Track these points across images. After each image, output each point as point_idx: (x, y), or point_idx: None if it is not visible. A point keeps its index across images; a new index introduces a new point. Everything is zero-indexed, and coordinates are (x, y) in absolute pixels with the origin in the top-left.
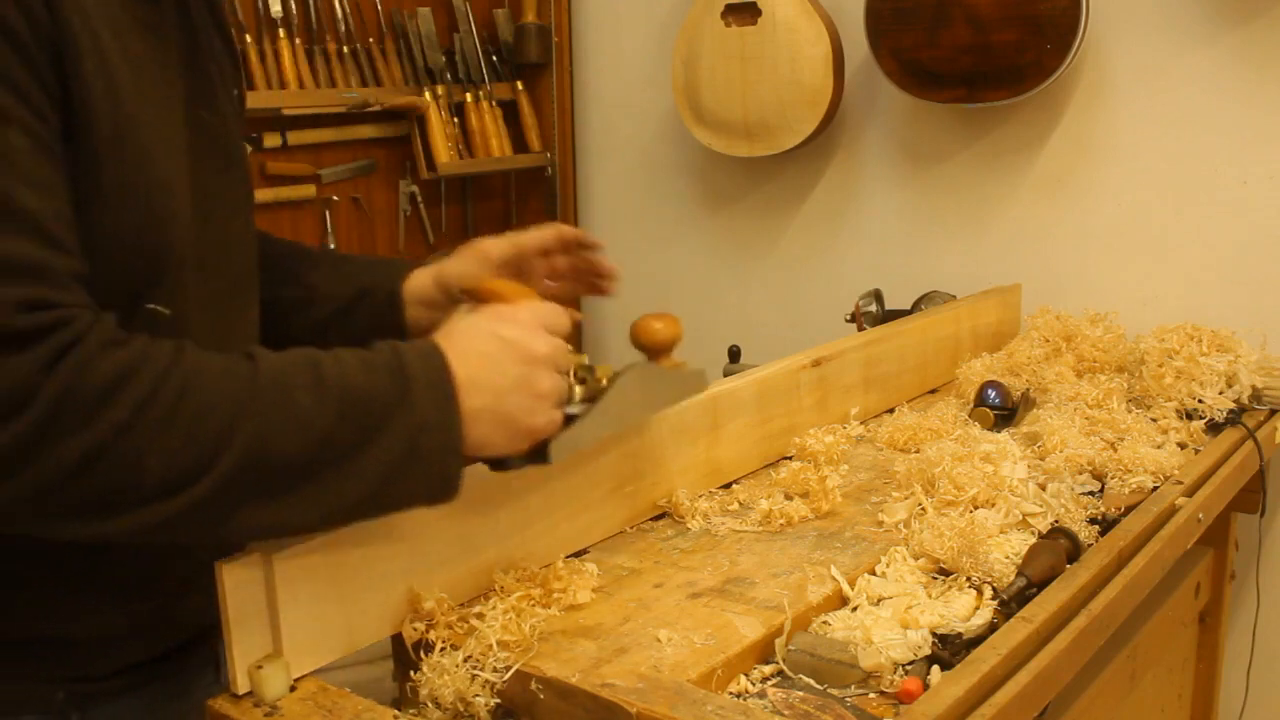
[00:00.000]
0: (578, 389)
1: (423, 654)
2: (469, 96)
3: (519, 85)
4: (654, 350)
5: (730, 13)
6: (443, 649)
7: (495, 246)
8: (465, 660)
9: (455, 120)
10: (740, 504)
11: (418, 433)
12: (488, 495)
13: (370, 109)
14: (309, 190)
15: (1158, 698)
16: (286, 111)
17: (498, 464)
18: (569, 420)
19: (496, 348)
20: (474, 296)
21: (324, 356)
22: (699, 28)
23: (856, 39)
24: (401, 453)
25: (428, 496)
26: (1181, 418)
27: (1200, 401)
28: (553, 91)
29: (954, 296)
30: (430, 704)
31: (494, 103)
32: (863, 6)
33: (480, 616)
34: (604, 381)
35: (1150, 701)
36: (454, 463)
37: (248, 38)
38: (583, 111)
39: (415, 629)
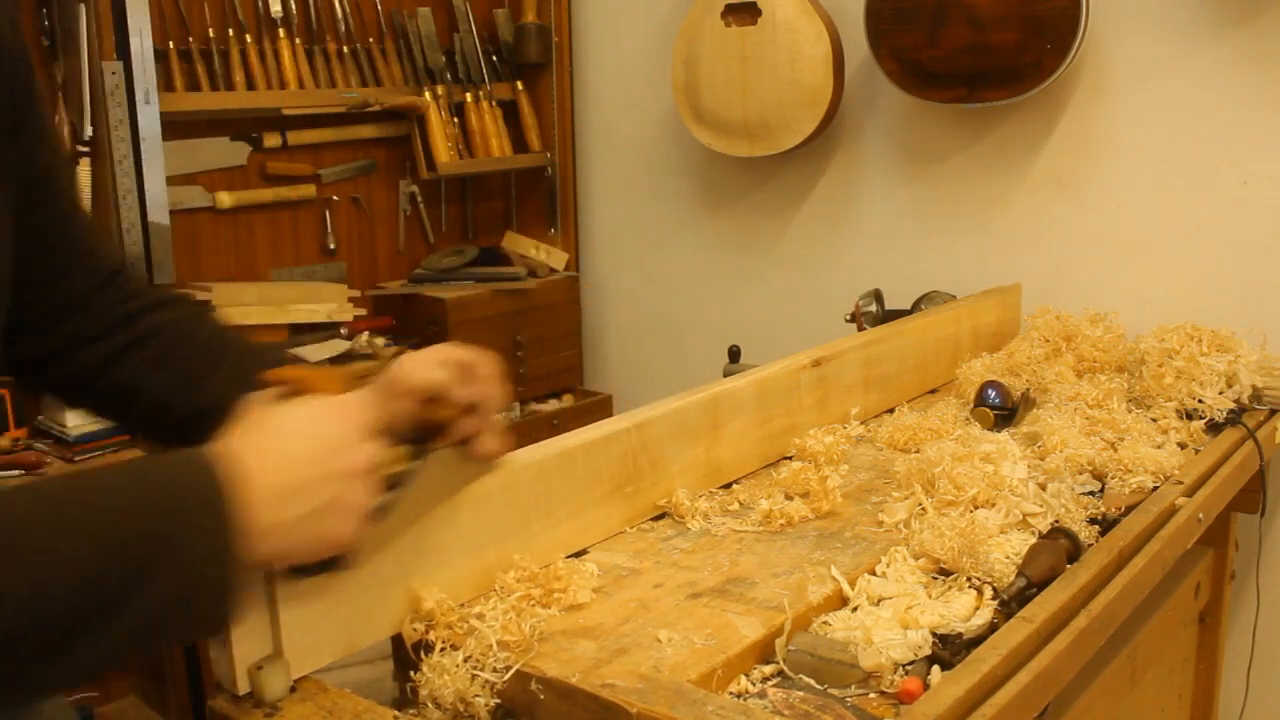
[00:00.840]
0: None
1: (423, 654)
2: (469, 96)
3: (519, 85)
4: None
5: (730, 13)
6: (443, 649)
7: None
8: (465, 660)
9: (455, 120)
10: (740, 504)
11: (185, 574)
12: (487, 495)
13: (370, 109)
14: (309, 190)
15: (1158, 698)
16: (286, 111)
17: (294, 571)
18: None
19: (310, 458)
20: (284, 386)
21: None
22: (699, 28)
23: (856, 39)
24: (167, 598)
25: (195, 634)
26: (1181, 418)
27: (1200, 401)
28: (553, 91)
29: (954, 296)
30: (430, 704)
31: (494, 103)
32: (863, 6)
33: (480, 617)
34: (402, 467)
35: (1150, 701)
36: (225, 604)
37: (248, 37)
38: (583, 111)
39: (415, 629)
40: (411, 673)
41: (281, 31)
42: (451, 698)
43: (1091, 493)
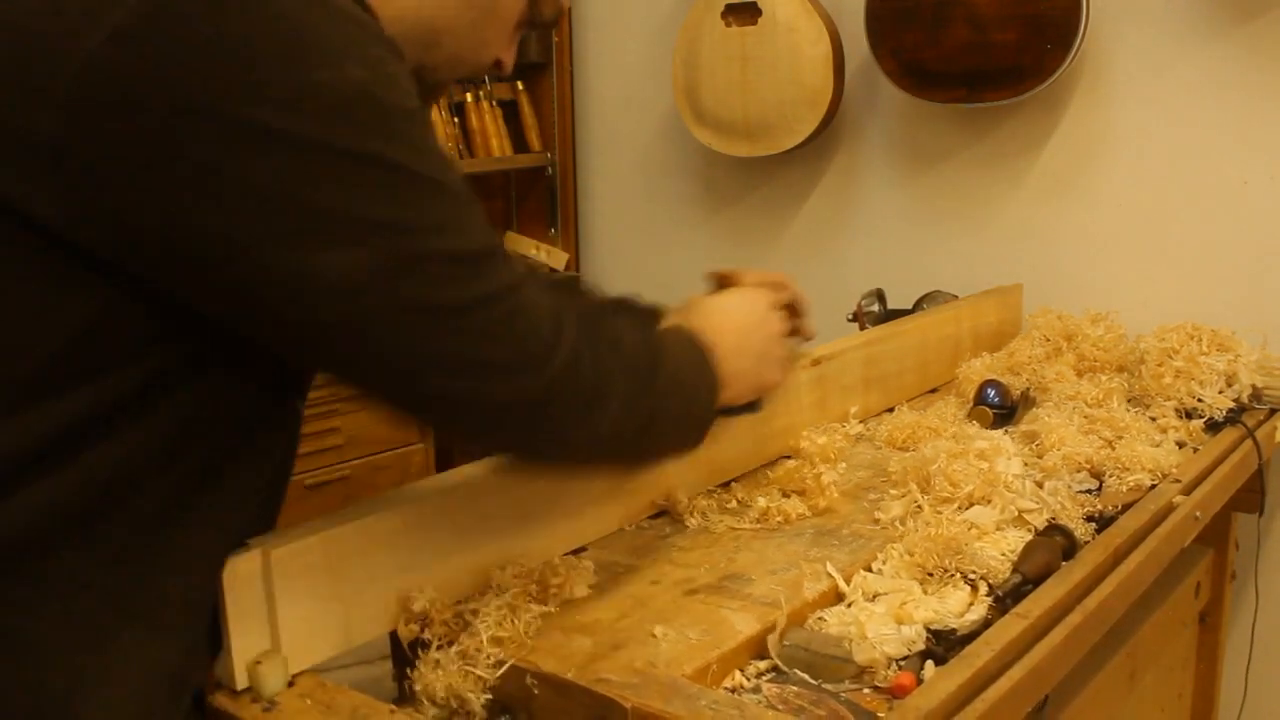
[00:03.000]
0: None
1: (419, 651)
2: (469, 96)
3: (519, 85)
4: None
5: (730, 13)
6: (438, 646)
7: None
8: (459, 656)
9: (455, 120)
10: (738, 502)
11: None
12: (485, 492)
13: None
14: None
15: (1158, 697)
16: None
17: (728, 411)
18: None
19: (749, 325)
20: (717, 282)
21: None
22: (699, 28)
23: (856, 39)
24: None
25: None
26: (1181, 417)
27: (1200, 401)
28: (553, 91)
29: (955, 296)
30: (425, 700)
31: (494, 102)
32: (863, 6)
33: (475, 613)
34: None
35: (1150, 701)
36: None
37: None
38: (583, 111)
39: (410, 629)
40: (408, 670)
41: None
42: (444, 693)
43: (1089, 490)
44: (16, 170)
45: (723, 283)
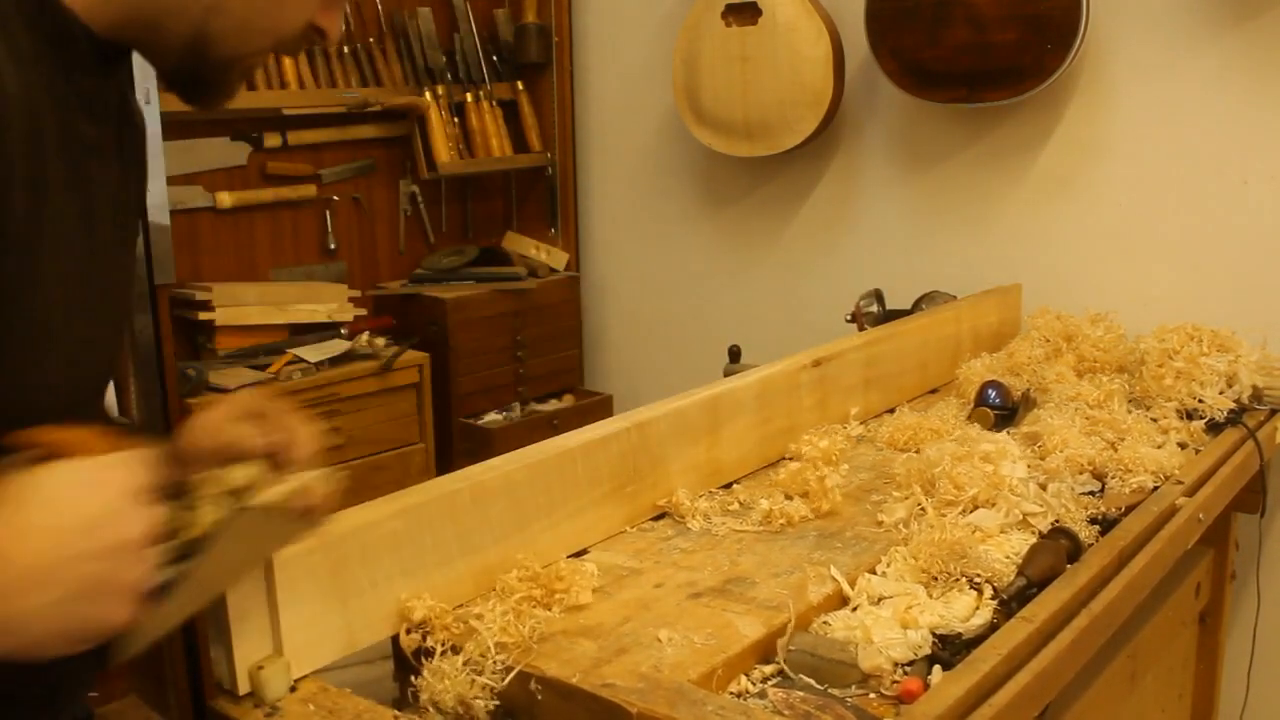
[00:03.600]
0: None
1: (423, 659)
2: (469, 96)
3: (519, 85)
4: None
5: (730, 13)
6: (443, 652)
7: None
8: (465, 664)
9: (455, 120)
10: (741, 504)
11: None
12: (487, 496)
13: (370, 109)
14: (309, 190)
15: (1158, 698)
16: (286, 111)
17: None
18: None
19: (62, 532)
20: (35, 449)
21: None
22: (699, 28)
23: (856, 39)
24: None
25: None
26: (1182, 418)
27: (1200, 401)
28: (553, 91)
29: (954, 296)
30: (431, 708)
31: (494, 103)
32: (863, 6)
33: (480, 617)
34: (195, 532)
35: (1150, 701)
36: None
37: None
38: (583, 111)
39: (412, 638)
40: (412, 677)
41: None
42: (453, 702)
43: (1092, 492)
44: None
45: (53, 450)
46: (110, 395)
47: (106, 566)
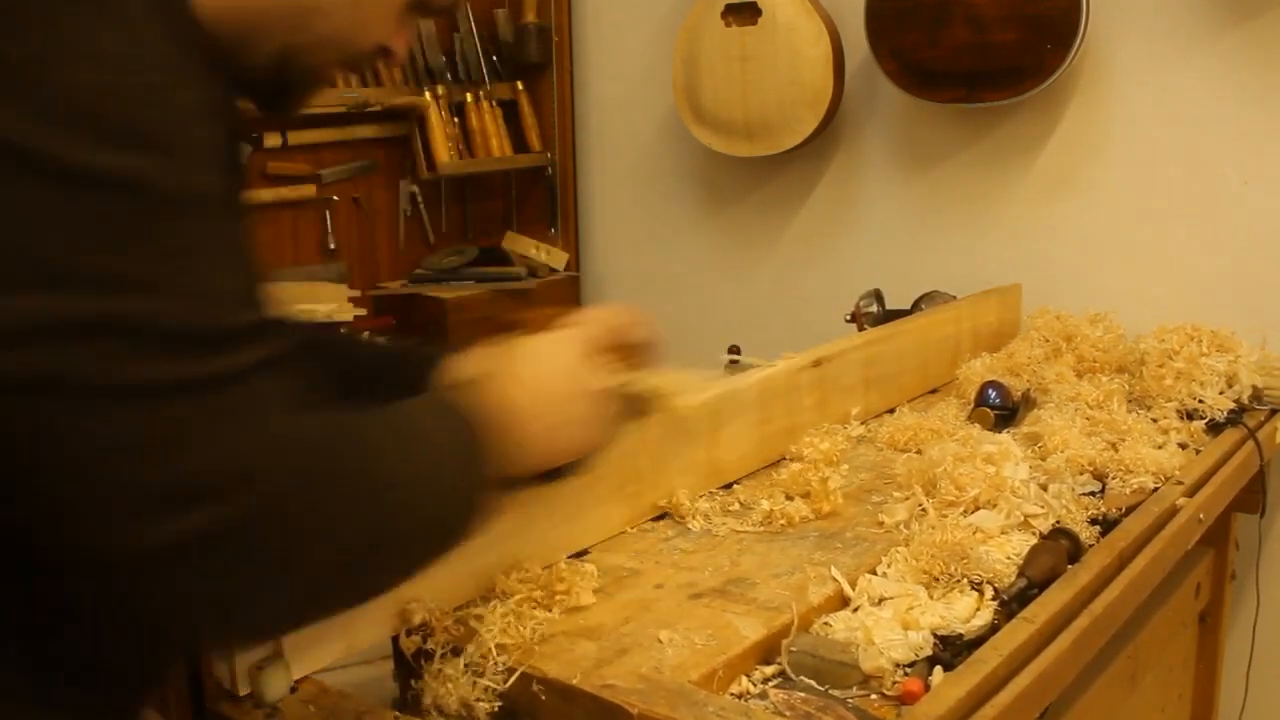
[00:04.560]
0: None
1: (423, 661)
2: (469, 96)
3: (519, 85)
4: None
5: (730, 13)
6: (443, 654)
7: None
8: (466, 666)
9: (455, 120)
10: (741, 504)
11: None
12: None
13: (370, 109)
14: (309, 190)
15: (1158, 698)
16: None
17: (543, 477)
18: None
19: (561, 376)
20: (531, 324)
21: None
22: (699, 28)
23: (856, 39)
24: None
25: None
26: (1182, 418)
27: (1200, 401)
28: (553, 91)
29: (954, 296)
30: (434, 712)
31: (494, 103)
32: (863, 6)
33: (480, 619)
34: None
35: (1150, 702)
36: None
37: None
38: (583, 111)
39: (412, 641)
40: (413, 681)
41: None
42: (456, 705)
43: (1092, 493)
44: None
45: (536, 325)
46: None
47: (581, 404)
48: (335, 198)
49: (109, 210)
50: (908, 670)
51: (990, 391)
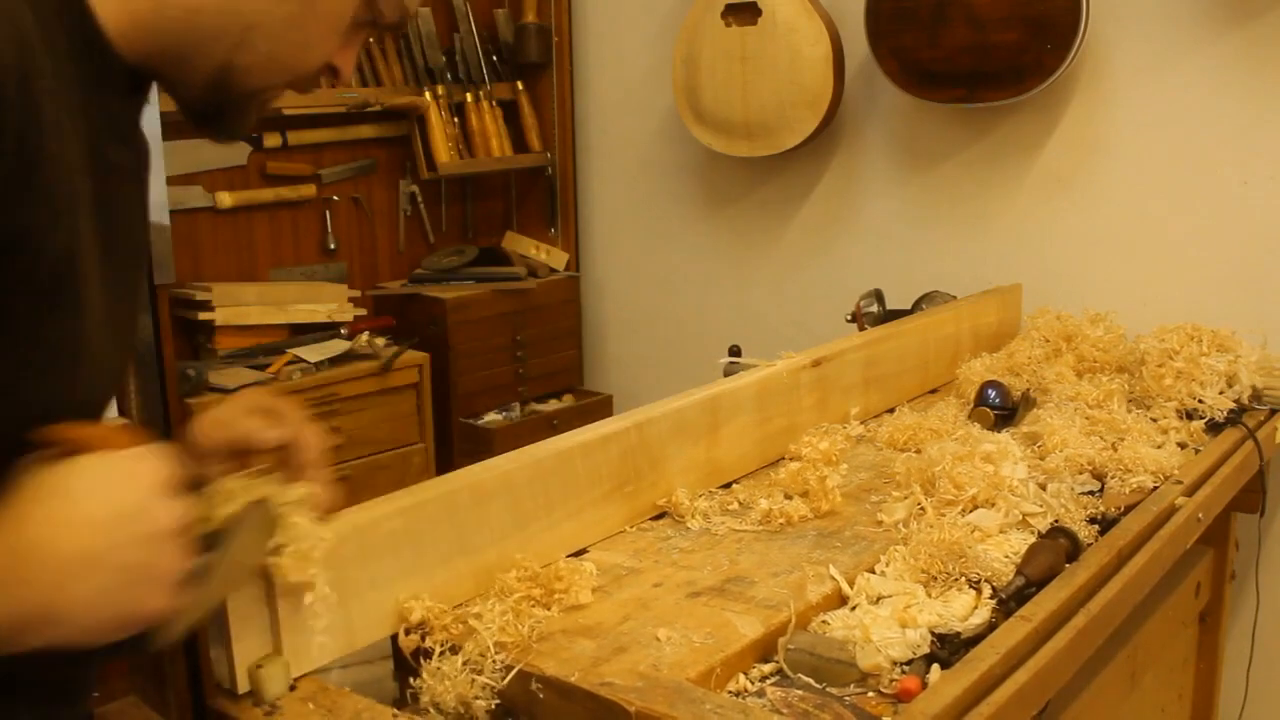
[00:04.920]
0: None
1: (422, 660)
2: (469, 96)
3: (519, 85)
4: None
5: (730, 13)
6: (441, 653)
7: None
8: (465, 664)
9: (455, 120)
10: (740, 503)
11: None
12: (487, 496)
13: (370, 109)
14: (309, 190)
15: (1158, 698)
16: (286, 111)
17: (100, 654)
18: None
19: (105, 521)
20: (61, 445)
21: None
22: (699, 28)
23: (856, 39)
24: None
25: None
26: (1182, 418)
27: (1200, 401)
28: (553, 91)
29: (954, 296)
30: (432, 709)
31: (494, 103)
32: (863, 6)
33: (478, 617)
34: (217, 524)
35: (1150, 701)
36: None
37: None
38: (583, 111)
39: (411, 639)
40: (411, 679)
41: None
42: (454, 702)
43: (1091, 492)
44: None
45: (76, 446)
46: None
47: (145, 555)
48: (335, 198)
49: None
50: (905, 668)
51: (990, 391)
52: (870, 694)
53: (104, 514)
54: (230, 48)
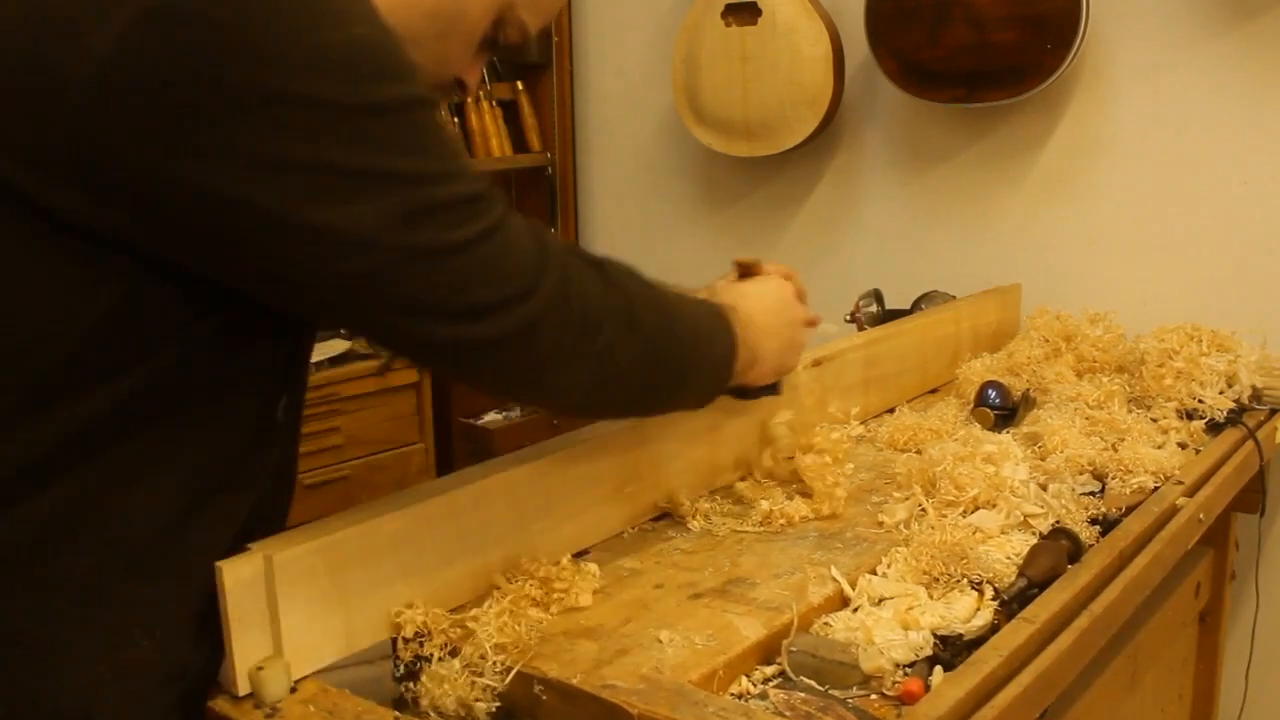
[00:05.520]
0: None
1: (421, 662)
2: (469, 96)
3: (519, 85)
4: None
5: (730, 13)
6: (441, 656)
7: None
8: (464, 667)
9: (455, 120)
10: (741, 504)
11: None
12: (487, 496)
13: None
14: None
15: (1158, 698)
16: None
17: (744, 393)
18: None
19: (779, 309)
20: (745, 270)
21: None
22: (699, 27)
23: (856, 39)
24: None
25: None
26: (1182, 418)
27: (1200, 401)
28: (553, 91)
29: (954, 296)
30: (433, 713)
31: (494, 103)
32: (863, 6)
33: (476, 619)
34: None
35: (1150, 701)
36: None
37: None
38: (583, 111)
39: (411, 648)
40: (411, 681)
41: None
42: (454, 705)
43: (1092, 493)
44: (31, 156)
45: (746, 271)
46: None
47: (796, 330)
48: None
49: (398, 125)
50: (908, 670)
51: (990, 391)
52: (873, 696)
53: (777, 303)
54: None
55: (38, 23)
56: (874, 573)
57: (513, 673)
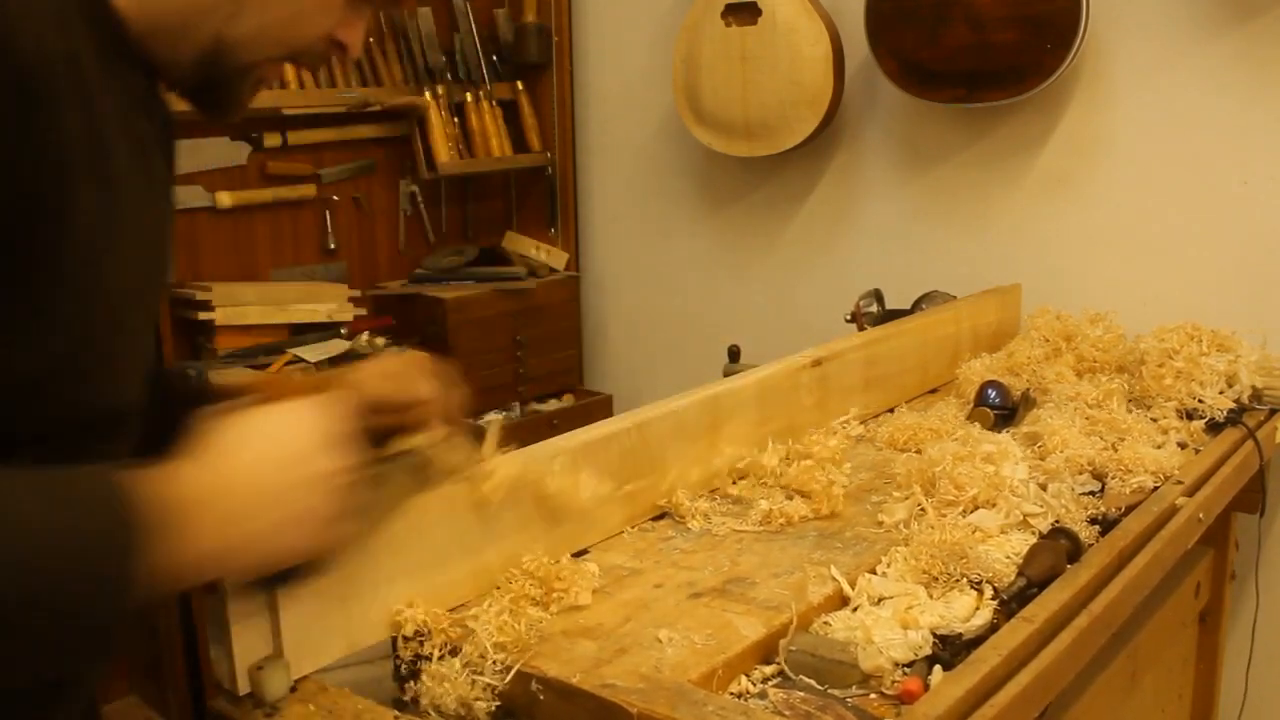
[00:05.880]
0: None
1: (421, 661)
2: (469, 96)
3: (519, 85)
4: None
5: (730, 13)
6: (440, 656)
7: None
8: (464, 666)
9: (455, 120)
10: (740, 504)
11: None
12: (487, 495)
13: (370, 109)
14: (309, 190)
15: (1158, 698)
16: (286, 111)
17: (261, 584)
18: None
19: (279, 463)
20: (247, 395)
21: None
22: (699, 28)
23: (856, 39)
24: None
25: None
26: (1182, 417)
27: (1200, 401)
28: (553, 91)
29: (954, 296)
30: (433, 712)
31: (494, 103)
32: (863, 6)
33: (476, 618)
34: (373, 472)
35: (1150, 701)
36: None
37: None
38: (583, 111)
39: (411, 647)
40: (411, 681)
41: None
42: (454, 704)
43: (1092, 493)
44: None
45: (261, 395)
46: None
47: (317, 494)
48: (335, 198)
49: None
50: (907, 670)
51: (990, 391)
52: (872, 695)
53: (284, 456)
54: (225, 19)
55: None
56: (873, 572)
57: (513, 672)
